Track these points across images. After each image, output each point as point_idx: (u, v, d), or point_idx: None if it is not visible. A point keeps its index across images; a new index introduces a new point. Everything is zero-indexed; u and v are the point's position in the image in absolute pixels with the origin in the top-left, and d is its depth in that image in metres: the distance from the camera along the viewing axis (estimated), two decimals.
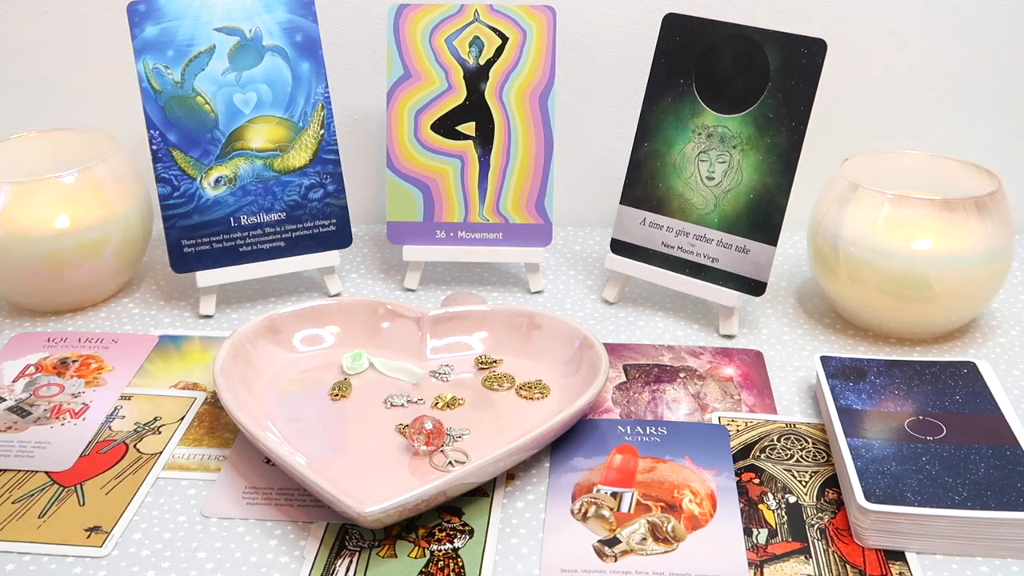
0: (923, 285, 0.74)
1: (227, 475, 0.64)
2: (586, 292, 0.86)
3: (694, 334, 0.80)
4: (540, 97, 0.83)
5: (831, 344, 0.78)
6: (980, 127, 0.95)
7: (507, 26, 0.82)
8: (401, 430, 0.65)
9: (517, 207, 0.84)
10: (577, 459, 0.64)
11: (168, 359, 0.76)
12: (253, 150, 0.81)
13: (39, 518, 0.60)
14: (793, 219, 0.78)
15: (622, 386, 0.72)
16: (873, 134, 0.94)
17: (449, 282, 0.88)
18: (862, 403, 0.66)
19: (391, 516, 0.56)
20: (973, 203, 0.73)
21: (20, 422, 0.68)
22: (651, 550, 0.57)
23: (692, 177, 0.79)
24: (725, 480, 0.62)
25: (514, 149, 0.83)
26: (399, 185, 0.84)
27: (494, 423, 0.67)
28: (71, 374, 0.74)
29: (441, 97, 0.83)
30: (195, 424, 0.69)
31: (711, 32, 0.78)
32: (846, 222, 0.76)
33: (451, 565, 0.56)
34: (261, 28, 0.81)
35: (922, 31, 0.91)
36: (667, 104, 0.80)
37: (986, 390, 0.67)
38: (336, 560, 0.57)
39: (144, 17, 0.78)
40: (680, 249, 0.80)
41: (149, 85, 0.79)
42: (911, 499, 0.57)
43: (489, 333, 0.74)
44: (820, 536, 0.58)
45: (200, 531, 0.59)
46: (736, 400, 0.71)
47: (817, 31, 0.75)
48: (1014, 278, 0.87)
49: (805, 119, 0.75)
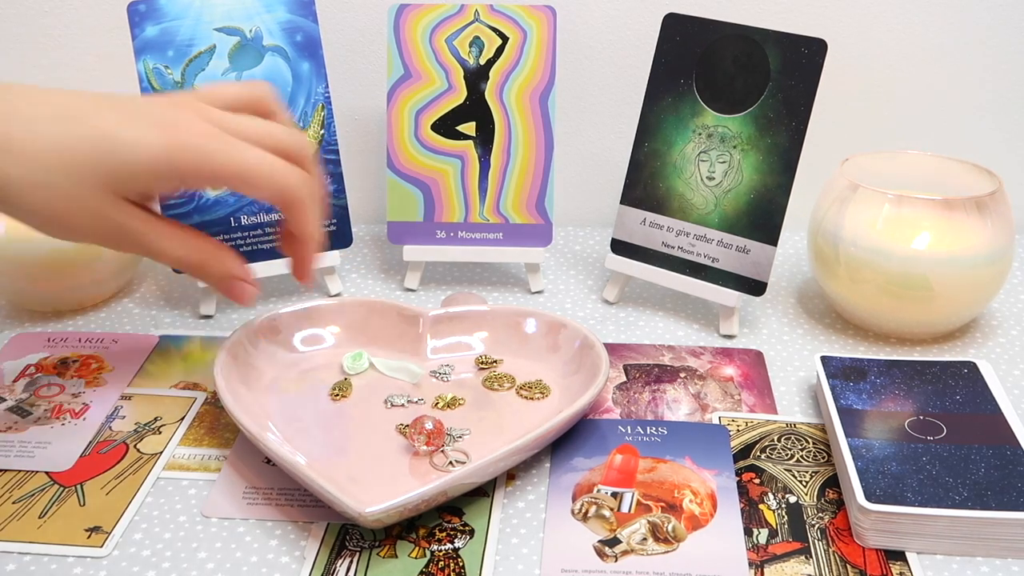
0: (923, 285, 0.74)
1: (227, 475, 0.64)
2: (586, 292, 0.86)
3: (694, 334, 0.80)
4: (540, 97, 0.83)
5: (831, 344, 0.78)
6: (980, 127, 0.95)
7: (507, 26, 0.82)
8: (401, 430, 0.65)
9: (517, 207, 0.84)
10: (577, 459, 0.64)
11: (168, 359, 0.76)
12: None
13: (39, 518, 0.60)
14: (793, 219, 0.78)
15: (622, 386, 0.72)
16: (873, 134, 0.94)
17: (449, 282, 0.88)
18: (862, 403, 0.66)
19: (391, 516, 0.56)
20: (973, 203, 0.73)
21: (20, 422, 0.68)
22: (651, 550, 0.57)
23: (692, 177, 0.79)
24: (725, 480, 0.62)
25: (514, 149, 0.83)
26: (399, 185, 0.84)
27: (494, 423, 0.67)
28: (71, 374, 0.74)
29: (441, 97, 0.83)
30: (195, 424, 0.69)
31: (711, 32, 0.78)
32: (846, 222, 0.76)
33: (451, 565, 0.56)
34: (261, 28, 0.81)
35: (922, 31, 0.91)
36: (667, 104, 0.80)
37: (986, 390, 0.67)
38: (336, 560, 0.57)
39: (144, 17, 0.78)
40: (680, 249, 0.80)
41: (149, 85, 0.79)
42: (911, 499, 0.57)
43: (489, 333, 0.74)
44: (820, 536, 0.58)
45: (200, 531, 0.59)
46: (736, 400, 0.71)
47: (817, 31, 0.75)
48: (1014, 278, 0.87)
49: (805, 119, 0.75)
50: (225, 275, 0.63)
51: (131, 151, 0.56)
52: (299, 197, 0.60)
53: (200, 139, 0.57)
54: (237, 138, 0.58)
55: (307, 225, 0.61)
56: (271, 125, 0.61)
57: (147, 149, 0.56)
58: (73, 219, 0.57)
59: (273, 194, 0.60)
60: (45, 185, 0.55)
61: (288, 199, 0.60)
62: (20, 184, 0.55)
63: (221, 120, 0.59)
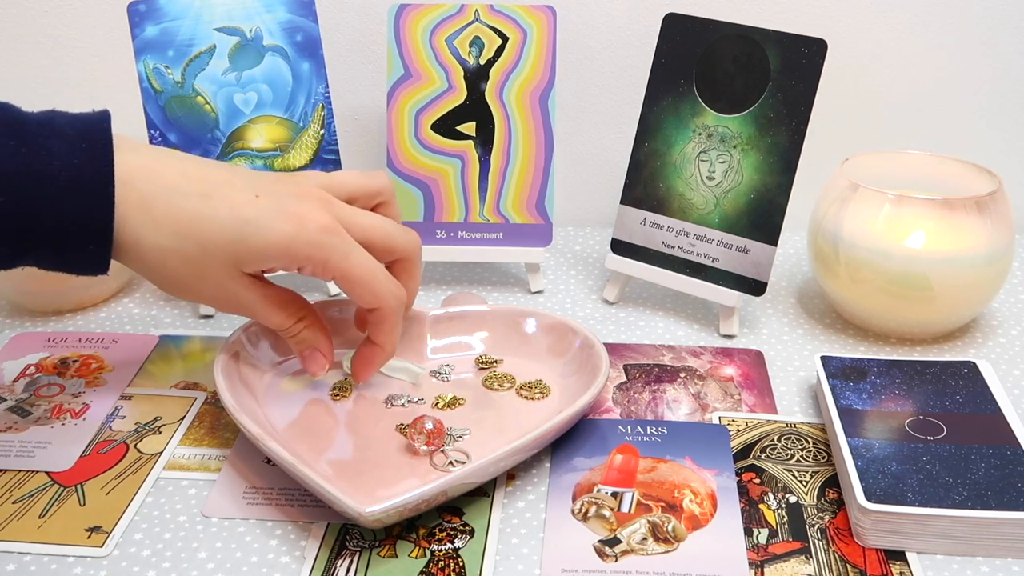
0: (923, 285, 0.74)
1: (227, 475, 0.64)
2: (586, 292, 0.86)
3: (694, 334, 0.80)
4: (540, 97, 0.83)
5: (831, 344, 0.78)
6: (980, 127, 0.95)
7: (507, 26, 0.82)
8: (401, 430, 0.65)
9: (517, 207, 0.84)
10: (578, 459, 0.64)
11: (168, 359, 0.76)
12: (253, 150, 0.81)
13: (39, 518, 0.60)
14: (793, 219, 0.78)
15: (622, 386, 0.72)
16: (873, 134, 0.94)
17: (449, 282, 0.88)
18: (862, 403, 0.66)
19: (392, 516, 0.56)
20: (973, 203, 0.73)
21: (20, 422, 0.68)
22: (652, 550, 0.57)
23: (692, 177, 0.79)
24: (725, 480, 0.62)
25: (514, 149, 0.83)
26: (399, 185, 0.84)
27: (494, 423, 0.67)
28: (71, 374, 0.74)
29: (441, 97, 0.83)
30: (195, 424, 0.69)
31: (711, 32, 0.78)
32: (846, 222, 0.76)
33: (451, 565, 0.56)
34: (261, 28, 0.81)
35: (922, 31, 0.91)
36: (667, 104, 0.80)
37: (986, 390, 0.67)
38: (337, 560, 0.57)
39: (144, 17, 0.79)
40: (680, 249, 0.80)
41: (149, 85, 0.79)
42: (911, 499, 0.57)
43: (489, 333, 0.74)
44: (821, 536, 0.58)
45: (201, 531, 0.59)
46: (736, 400, 0.71)
47: (817, 31, 0.75)
48: (1014, 278, 0.87)
49: (805, 119, 0.75)
50: (310, 345, 0.67)
51: (262, 238, 0.60)
52: (389, 313, 0.65)
53: (322, 235, 0.61)
54: (353, 232, 0.62)
55: (387, 336, 0.66)
56: (385, 221, 0.65)
57: (276, 238, 0.60)
58: (195, 284, 0.61)
59: (368, 302, 0.64)
60: (176, 252, 0.60)
61: (379, 312, 0.65)
62: (152, 246, 0.59)
63: (340, 212, 0.63)
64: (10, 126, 0.57)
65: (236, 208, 0.60)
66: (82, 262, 0.59)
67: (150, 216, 0.59)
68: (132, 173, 0.59)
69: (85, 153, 0.57)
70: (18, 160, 0.56)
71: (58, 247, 0.58)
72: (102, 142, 0.58)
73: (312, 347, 0.67)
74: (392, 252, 0.65)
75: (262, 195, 0.61)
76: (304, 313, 0.66)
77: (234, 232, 0.60)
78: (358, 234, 0.63)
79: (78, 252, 0.58)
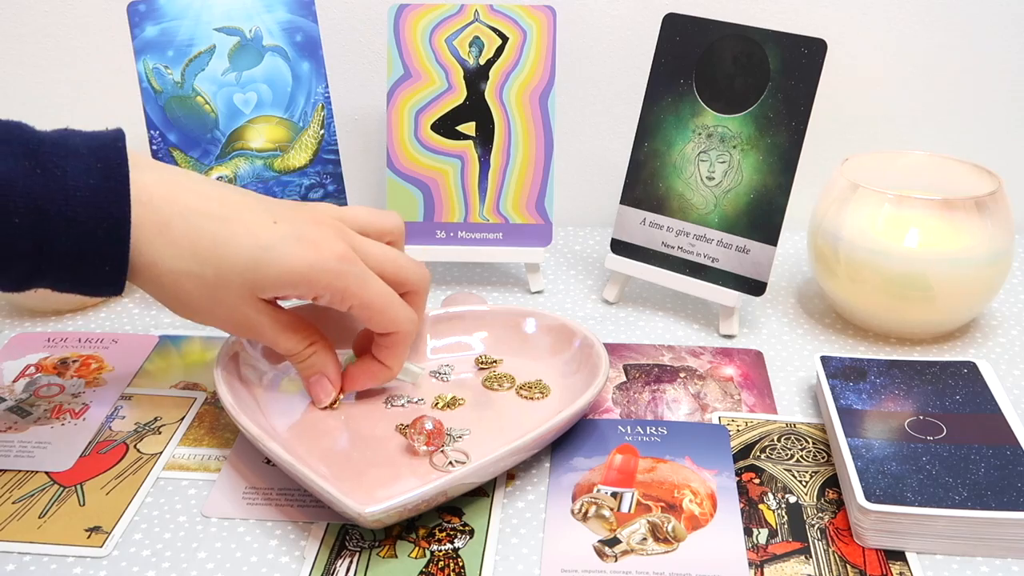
0: (923, 285, 0.74)
1: (227, 475, 0.64)
2: (586, 292, 0.86)
3: (694, 334, 0.80)
4: (540, 97, 0.83)
5: (831, 344, 0.78)
6: (980, 127, 0.95)
7: (507, 26, 0.82)
8: (401, 430, 0.65)
9: (517, 207, 0.84)
10: (577, 459, 0.64)
11: (168, 359, 0.76)
12: (253, 150, 0.82)
13: (39, 518, 0.60)
14: (793, 219, 0.78)
15: (622, 386, 0.72)
16: (873, 134, 0.94)
17: (449, 282, 0.88)
18: (862, 403, 0.66)
19: (391, 516, 0.56)
20: (973, 203, 0.73)
21: (20, 422, 0.68)
22: (651, 550, 0.57)
23: (692, 177, 0.79)
24: (725, 480, 0.62)
25: (514, 149, 0.83)
26: (399, 185, 0.84)
27: (494, 423, 0.67)
28: (71, 374, 0.74)
29: (441, 97, 0.83)
30: (195, 424, 0.69)
31: (711, 32, 0.78)
32: (846, 222, 0.76)
33: (451, 565, 0.56)
34: (261, 28, 0.81)
35: (922, 31, 0.91)
36: (667, 104, 0.80)
37: (986, 390, 0.67)
38: (336, 560, 0.57)
39: (144, 17, 0.79)
40: (680, 249, 0.80)
41: (149, 85, 0.79)
42: (911, 499, 0.57)
43: (489, 333, 0.74)
44: (820, 536, 0.58)
45: (200, 531, 0.59)
46: (736, 400, 0.71)
47: (817, 31, 0.75)
48: (1014, 278, 0.87)
49: (805, 119, 0.75)
50: (318, 370, 0.66)
51: (280, 265, 0.59)
52: (404, 337, 0.65)
53: (340, 264, 0.60)
54: (367, 261, 0.62)
55: (396, 358, 0.66)
56: (398, 253, 0.66)
57: (294, 266, 0.60)
58: (208, 307, 0.61)
59: (386, 327, 0.64)
60: (192, 275, 0.59)
61: (395, 336, 0.65)
62: (169, 269, 0.59)
63: (353, 242, 0.63)
64: (25, 145, 0.56)
65: (254, 233, 0.59)
66: (97, 283, 0.58)
67: (168, 238, 0.58)
68: (150, 193, 0.58)
69: (100, 173, 0.57)
70: (33, 181, 0.55)
71: (74, 269, 0.57)
72: (116, 161, 0.57)
73: (320, 372, 0.66)
74: (403, 284, 0.65)
75: (280, 220, 0.60)
76: (315, 338, 0.66)
77: (252, 258, 0.59)
78: (372, 264, 0.62)
79: (93, 274, 0.58)
